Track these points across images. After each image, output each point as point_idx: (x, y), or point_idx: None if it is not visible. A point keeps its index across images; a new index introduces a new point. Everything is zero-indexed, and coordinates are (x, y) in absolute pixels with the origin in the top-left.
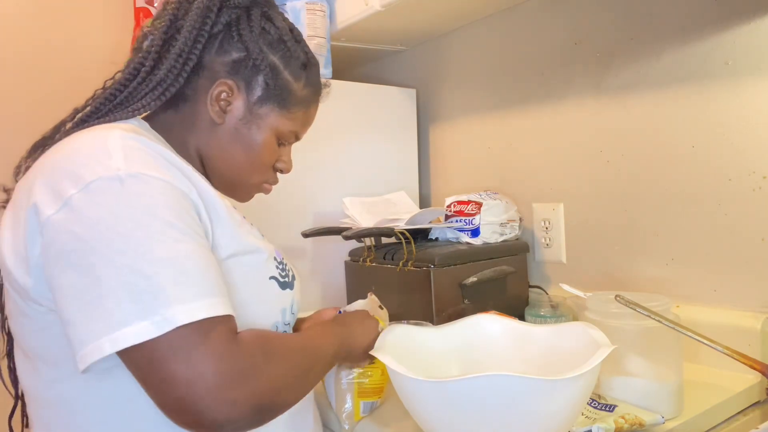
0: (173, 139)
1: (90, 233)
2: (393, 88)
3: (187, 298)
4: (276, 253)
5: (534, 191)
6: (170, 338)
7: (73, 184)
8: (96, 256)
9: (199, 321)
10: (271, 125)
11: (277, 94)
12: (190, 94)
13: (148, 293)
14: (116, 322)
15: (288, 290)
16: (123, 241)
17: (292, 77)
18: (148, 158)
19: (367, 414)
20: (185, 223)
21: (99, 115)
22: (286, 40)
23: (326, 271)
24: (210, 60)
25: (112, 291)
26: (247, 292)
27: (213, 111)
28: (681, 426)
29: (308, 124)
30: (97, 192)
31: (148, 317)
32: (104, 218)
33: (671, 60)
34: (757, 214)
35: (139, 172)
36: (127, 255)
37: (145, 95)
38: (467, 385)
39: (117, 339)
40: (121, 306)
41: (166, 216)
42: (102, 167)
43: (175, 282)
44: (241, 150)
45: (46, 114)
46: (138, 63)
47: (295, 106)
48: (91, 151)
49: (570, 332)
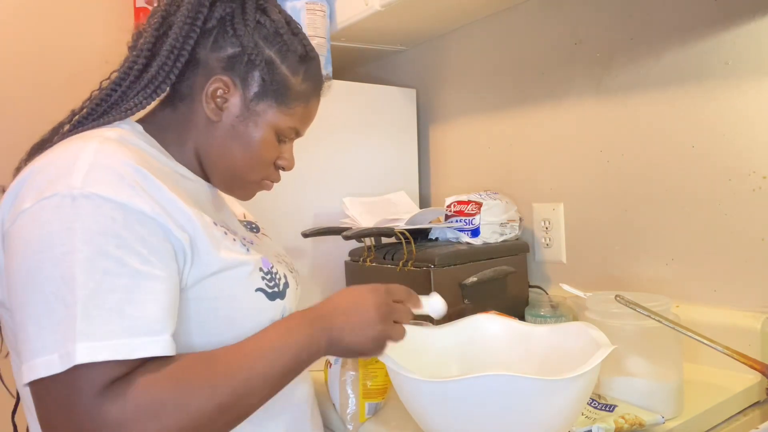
0: (171, 139)
1: (26, 252)
2: (393, 88)
3: (95, 335)
4: (263, 263)
5: (534, 191)
6: (65, 379)
7: (32, 197)
8: (28, 277)
9: (97, 363)
10: (269, 122)
11: (274, 90)
12: (186, 92)
13: (63, 324)
14: (32, 350)
15: (278, 300)
16: (52, 266)
17: (289, 71)
18: (112, 178)
19: (372, 415)
20: (129, 251)
21: (95, 116)
22: (282, 33)
23: (326, 271)
24: (205, 56)
25: (32, 317)
26: (232, 307)
27: (209, 108)
28: (681, 426)
29: (309, 120)
30: (45, 209)
31: (57, 350)
32: (42, 238)
33: (671, 60)
34: (757, 214)
35: (93, 192)
36: (53, 281)
37: (137, 93)
38: (467, 385)
39: (31, 368)
40: (40, 334)
41: (105, 245)
42: (62, 184)
43: (88, 316)
44: (239, 148)
45: (45, 113)
46: (131, 61)
47: (294, 101)
48: (59, 166)
49: (570, 332)
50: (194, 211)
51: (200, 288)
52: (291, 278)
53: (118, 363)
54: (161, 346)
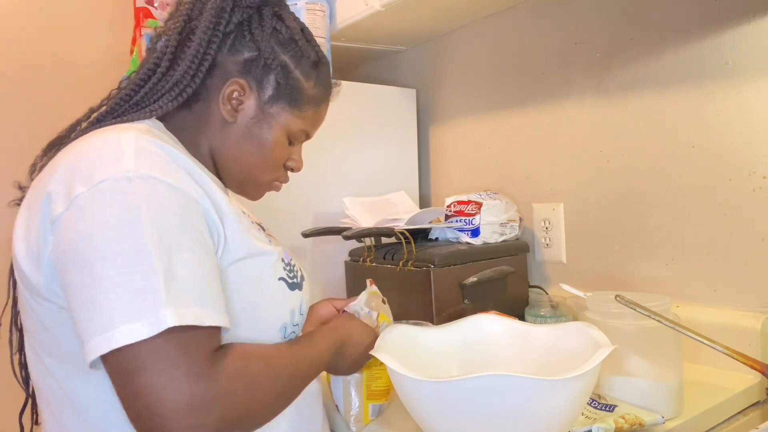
0: (186, 139)
1: (92, 232)
2: (393, 88)
3: (177, 303)
4: (284, 255)
5: (534, 191)
6: (155, 344)
7: (82, 183)
8: (96, 254)
9: (184, 328)
10: (282, 124)
11: (288, 93)
12: (202, 94)
13: (141, 295)
14: (109, 321)
15: (297, 291)
16: (122, 241)
17: (303, 76)
18: (160, 161)
19: (376, 416)
20: (187, 230)
21: (115, 115)
22: (297, 39)
23: (326, 271)
24: (222, 59)
25: (108, 290)
26: (256, 293)
27: (225, 110)
28: (681, 426)
29: (319, 123)
30: (104, 192)
31: (141, 318)
32: (107, 218)
33: (671, 60)
34: (757, 214)
35: (148, 174)
36: (124, 255)
37: (162, 96)
38: (467, 385)
39: (110, 338)
40: (116, 306)
41: (167, 222)
42: (112, 168)
43: (167, 287)
44: (253, 149)
45: (45, 112)
46: (153, 63)
47: (306, 105)
48: (103, 152)
49: (570, 332)
50: (227, 199)
51: (228, 272)
52: (305, 273)
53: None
54: (224, 318)
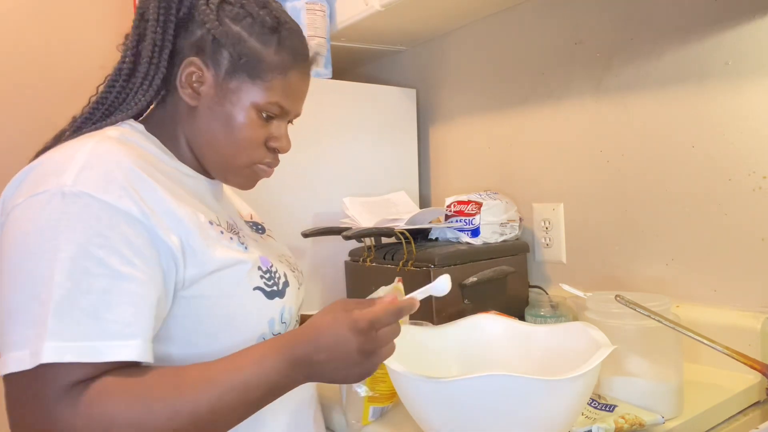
0: (165, 136)
1: (12, 247)
2: (393, 88)
3: (64, 336)
4: (262, 262)
5: (534, 191)
6: (31, 377)
7: (24, 193)
8: (10, 272)
9: (62, 364)
10: (246, 98)
11: (245, 64)
12: (171, 86)
13: (36, 322)
14: (7, 344)
15: (277, 299)
16: (34, 263)
17: (259, 44)
18: (103, 177)
19: (377, 418)
20: (113, 251)
21: (94, 120)
22: (247, 7)
23: (326, 271)
24: (181, 45)
25: (11, 311)
26: (231, 305)
27: (186, 94)
28: (681, 426)
29: (293, 94)
30: (35, 205)
31: (28, 347)
32: (28, 235)
33: (671, 60)
34: (757, 214)
35: (82, 191)
36: (33, 278)
37: (134, 94)
38: (467, 385)
39: (4, 362)
40: (14, 329)
41: (87, 244)
42: (53, 182)
43: (60, 316)
44: (221, 129)
45: (44, 113)
46: (119, 63)
47: (269, 74)
48: (54, 163)
49: (570, 332)
50: (188, 212)
51: (198, 287)
52: (292, 278)
53: (83, 365)
54: (130, 351)
